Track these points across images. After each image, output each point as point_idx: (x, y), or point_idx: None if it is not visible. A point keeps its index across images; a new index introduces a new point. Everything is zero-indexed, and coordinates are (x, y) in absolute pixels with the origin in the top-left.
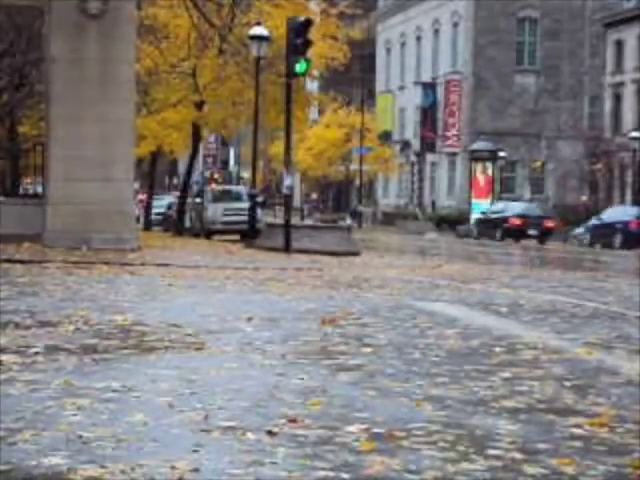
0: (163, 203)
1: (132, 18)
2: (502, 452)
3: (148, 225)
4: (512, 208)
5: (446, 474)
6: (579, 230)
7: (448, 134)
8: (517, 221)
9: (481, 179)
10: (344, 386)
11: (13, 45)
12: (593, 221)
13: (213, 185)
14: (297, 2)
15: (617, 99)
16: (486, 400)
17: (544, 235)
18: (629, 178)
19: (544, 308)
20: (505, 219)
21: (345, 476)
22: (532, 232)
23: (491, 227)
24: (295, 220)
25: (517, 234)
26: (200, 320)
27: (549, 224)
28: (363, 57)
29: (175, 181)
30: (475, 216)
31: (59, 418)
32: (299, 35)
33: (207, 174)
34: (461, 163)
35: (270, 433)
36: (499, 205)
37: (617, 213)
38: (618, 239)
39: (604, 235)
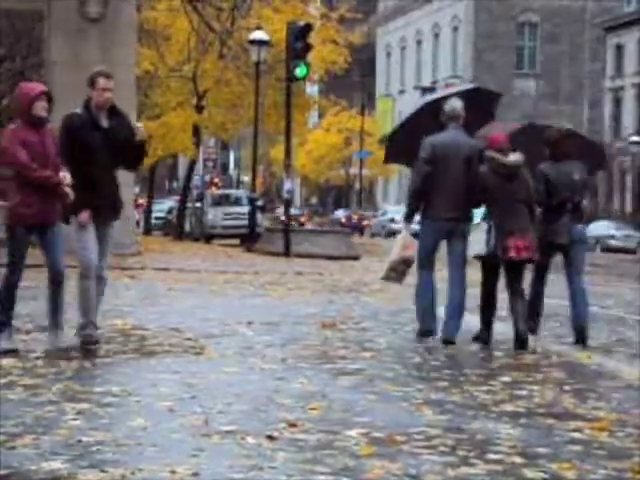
0: (163, 207)
1: (132, 22)
2: (502, 456)
3: (148, 229)
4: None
5: (446, 478)
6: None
7: None
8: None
9: None
10: (344, 390)
11: (13, 49)
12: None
13: (213, 189)
14: (297, 6)
15: (617, 103)
16: (486, 404)
17: (301, 226)
18: (629, 182)
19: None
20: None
21: None
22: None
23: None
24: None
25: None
26: (200, 324)
27: (302, 220)
28: (363, 61)
29: (175, 185)
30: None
31: (59, 423)
32: (299, 39)
33: (207, 178)
34: None
35: (270, 437)
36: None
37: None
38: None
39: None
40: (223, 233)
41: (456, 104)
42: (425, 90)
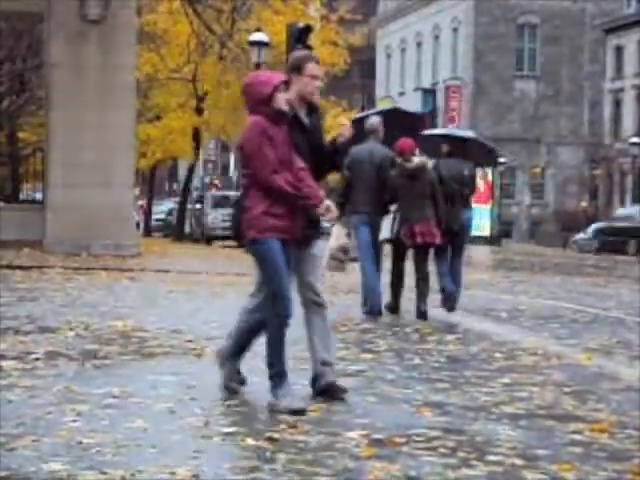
0: (163, 209)
1: (132, 24)
2: (502, 458)
3: (148, 231)
4: None
5: None
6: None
7: None
8: None
9: (481, 185)
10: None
11: (13, 51)
12: None
13: (213, 191)
14: (297, 8)
15: (617, 105)
16: (486, 406)
17: None
18: (629, 184)
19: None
20: None
21: None
22: None
23: None
24: None
25: None
26: (200, 326)
27: None
28: (363, 63)
29: (175, 187)
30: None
31: (59, 424)
32: (299, 41)
33: (207, 180)
34: None
35: (270, 439)
36: None
37: None
38: None
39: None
40: (223, 234)
41: (374, 120)
42: (425, 91)
